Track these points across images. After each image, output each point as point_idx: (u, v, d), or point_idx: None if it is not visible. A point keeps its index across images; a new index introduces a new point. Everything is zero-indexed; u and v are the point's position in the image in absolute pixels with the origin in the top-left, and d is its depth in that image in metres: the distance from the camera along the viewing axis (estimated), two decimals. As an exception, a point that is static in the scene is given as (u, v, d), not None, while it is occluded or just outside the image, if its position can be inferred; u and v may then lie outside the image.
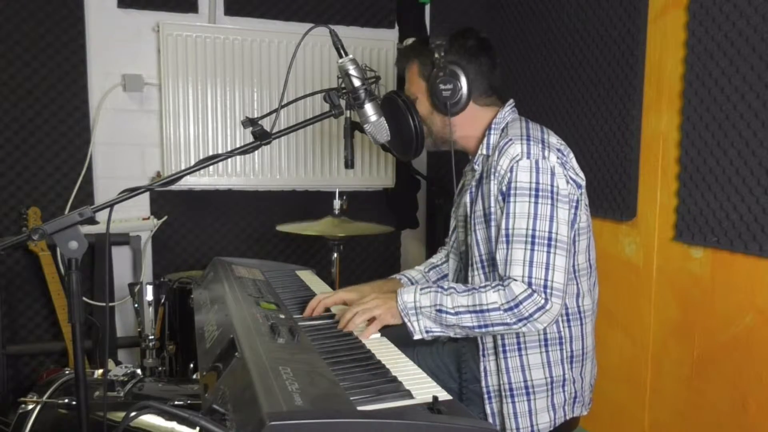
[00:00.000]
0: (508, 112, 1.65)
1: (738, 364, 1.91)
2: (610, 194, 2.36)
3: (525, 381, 1.55)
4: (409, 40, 2.76)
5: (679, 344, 2.13)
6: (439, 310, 1.46)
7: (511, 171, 1.48)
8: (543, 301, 1.41)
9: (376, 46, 3.24)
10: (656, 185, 2.20)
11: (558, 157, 1.50)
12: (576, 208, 1.53)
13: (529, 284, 1.41)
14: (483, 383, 1.60)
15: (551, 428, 1.56)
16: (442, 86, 1.58)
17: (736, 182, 1.88)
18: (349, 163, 1.74)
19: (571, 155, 1.57)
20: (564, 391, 1.57)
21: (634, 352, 2.31)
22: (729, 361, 1.95)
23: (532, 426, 1.54)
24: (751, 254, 1.85)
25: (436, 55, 1.57)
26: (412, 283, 1.89)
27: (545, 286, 1.41)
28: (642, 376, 2.28)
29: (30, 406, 1.55)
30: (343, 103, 1.51)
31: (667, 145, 2.15)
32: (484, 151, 1.62)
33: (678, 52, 2.08)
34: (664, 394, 2.20)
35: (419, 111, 1.65)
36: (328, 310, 1.67)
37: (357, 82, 1.46)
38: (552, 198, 1.46)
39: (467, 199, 1.65)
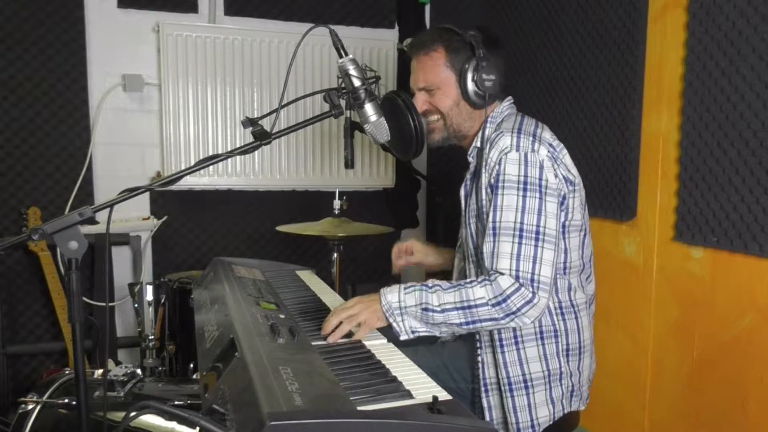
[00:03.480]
0: (506, 107, 1.66)
1: (738, 364, 1.91)
2: (610, 194, 2.36)
3: (523, 375, 1.55)
4: (409, 40, 2.75)
5: (679, 344, 2.13)
6: (425, 309, 1.44)
7: (499, 163, 1.48)
8: (530, 295, 1.40)
9: (376, 46, 3.24)
10: (656, 185, 2.19)
11: (549, 151, 1.50)
12: (562, 203, 1.53)
13: (517, 278, 1.41)
14: (480, 375, 1.60)
15: (550, 422, 1.57)
16: (485, 76, 1.56)
17: (736, 182, 1.88)
18: (349, 163, 1.74)
19: (565, 152, 1.57)
20: (561, 385, 1.57)
21: (634, 352, 2.31)
22: (729, 361, 1.95)
23: (532, 420, 1.55)
24: (751, 254, 1.85)
25: (475, 45, 1.56)
26: None
27: (532, 280, 1.41)
28: (642, 376, 2.28)
29: (30, 406, 1.55)
30: (343, 103, 1.50)
31: (667, 145, 2.15)
32: (478, 144, 1.62)
33: (678, 52, 2.08)
34: (664, 394, 2.20)
35: (440, 102, 1.63)
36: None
37: (357, 82, 1.46)
38: (540, 191, 1.46)
39: (462, 192, 1.65)
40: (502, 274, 1.42)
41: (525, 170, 1.47)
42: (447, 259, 1.95)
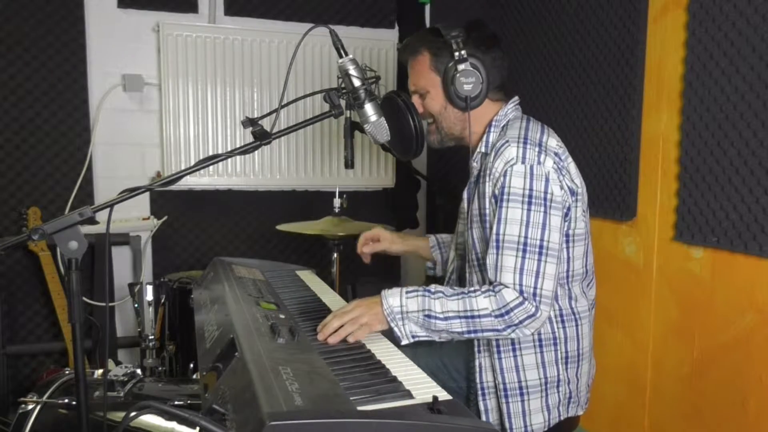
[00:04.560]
0: (511, 109, 1.63)
1: (738, 364, 1.91)
2: (610, 194, 2.36)
3: (519, 381, 1.54)
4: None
5: (679, 344, 2.13)
6: (428, 315, 1.44)
7: (504, 175, 1.46)
8: (533, 309, 1.40)
9: (376, 46, 3.24)
10: (656, 185, 2.19)
11: (554, 162, 1.48)
12: (566, 215, 1.51)
13: (520, 292, 1.41)
14: (477, 379, 1.60)
15: (546, 428, 1.56)
16: (463, 80, 1.53)
17: (736, 182, 1.88)
18: (349, 163, 1.74)
19: (569, 160, 1.55)
20: (558, 392, 1.57)
21: (634, 352, 2.31)
22: (729, 361, 1.95)
23: (525, 426, 1.54)
24: (751, 254, 1.85)
25: (455, 47, 1.52)
26: (438, 244, 1.96)
27: (535, 294, 1.41)
28: (642, 376, 2.28)
29: (30, 406, 1.55)
30: (343, 103, 1.50)
31: (667, 145, 2.15)
32: (483, 149, 1.61)
33: (678, 52, 2.08)
34: (664, 394, 2.20)
35: (430, 106, 1.62)
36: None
37: (357, 82, 1.46)
38: (545, 205, 1.45)
39: (465, 195, 1.65)
40: (506, 287, 1.42)
41: (530, 183, 1.45)
42: (413, 247, 1.99)
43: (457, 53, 1.52)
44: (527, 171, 1.45)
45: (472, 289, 1.46)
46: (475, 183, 1.61)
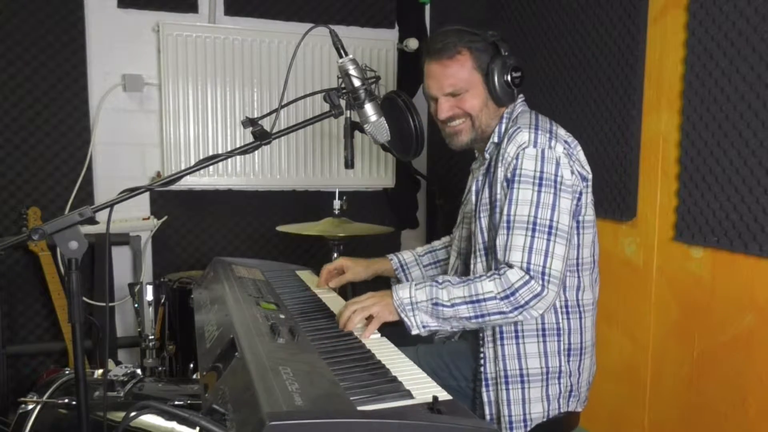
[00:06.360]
0: (519, 104, 1.68)
1: (738, 364, 1.91)
2: (610, 194, 2.36)
3: (520, 369, 1.56)
4: (410, 41, 2.74)
5: (679, 344, 2.13)
6: (436, 304, 1.46)
7: (517, 158, 1.50)
8: (539, 288, 1.42)
9: (376, 46, 3.23)
10: (656, 185, 2.20)
11: (564, 148, 1.53)
12: (579, 199, 1.55)
13: (528, 270, 1.43)
14: (481, 370, 1.61)
15: (544, 419, 1.57)
16: (515, 73, 1.60)
17: (736, 182, 1.88)
18: (349, 163, 1.74)
19: (579, 148, 1.59)
20: (560, 384, 1.57)
21: (634, 352, 2.31)
22: (729, 361, 1.95)
23: (524, 415, 1.55)
24: (751, 254, 1.85)
25: (499, 45, 1.60)
26: (402, 266, 1.97)
27: (543, 273, 1.43)
28: (642, 376, 2.28)
29: (30, 406, 1.55)
30: (343, 103, 1.51)
31: (667, 145, 2.15)
32: (495, 139, 1.63)
33: (678, 52, 2.08)
34: (664, 394, 2.20)
35: (470, 104, 1.62)
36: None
37: (357, 82, 1.46)
38: (555, 187, 1.48)
39: (474, 187, 1.66)
40: (511, 267, 1.44)
41: (541, 166, 1.49)
42: (377, 271, 1.99)
43: (503, 50, 1.59)
44: (539, 154, 1.49)
45: (478, 275, 1.49)
46: (485, 174, 1.63)
